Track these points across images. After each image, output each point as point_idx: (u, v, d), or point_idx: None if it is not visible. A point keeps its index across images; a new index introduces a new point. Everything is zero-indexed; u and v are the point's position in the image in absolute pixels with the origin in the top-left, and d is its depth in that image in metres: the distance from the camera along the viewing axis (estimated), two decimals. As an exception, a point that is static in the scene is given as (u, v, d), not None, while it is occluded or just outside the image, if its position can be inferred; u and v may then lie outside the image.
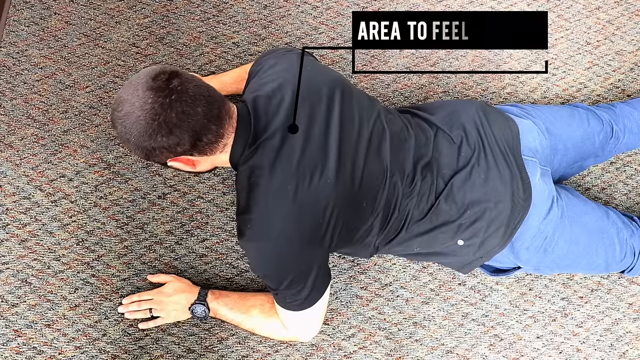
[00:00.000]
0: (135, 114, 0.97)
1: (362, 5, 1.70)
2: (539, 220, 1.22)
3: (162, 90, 0.97)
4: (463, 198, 1.19)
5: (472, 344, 1.38)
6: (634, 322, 1.42)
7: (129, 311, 1.34)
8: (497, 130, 1.25)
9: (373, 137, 1.17)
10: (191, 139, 1.01)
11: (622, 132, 1.43)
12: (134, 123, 0.98)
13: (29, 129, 1.52)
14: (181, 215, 1.46)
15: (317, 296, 1.15)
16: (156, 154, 1.03)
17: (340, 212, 1.10)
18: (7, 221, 1.43)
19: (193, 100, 0.99)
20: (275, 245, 1.08)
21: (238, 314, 1.29)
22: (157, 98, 0.97)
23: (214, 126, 1.03)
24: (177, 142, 1.00)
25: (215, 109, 1.02)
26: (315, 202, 1.08)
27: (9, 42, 1.60)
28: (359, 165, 1.13)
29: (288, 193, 1.06)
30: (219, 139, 1.05)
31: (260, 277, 1.17)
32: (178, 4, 1.67)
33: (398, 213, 1.19)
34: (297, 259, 1.10)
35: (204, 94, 1.01)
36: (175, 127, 0.98)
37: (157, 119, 0.97)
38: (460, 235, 1.20)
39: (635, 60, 1.68)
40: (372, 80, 1.62)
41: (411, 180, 1.19)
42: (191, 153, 1.05)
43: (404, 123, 1.25)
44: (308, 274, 1.12)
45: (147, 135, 0.98)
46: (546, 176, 1.26)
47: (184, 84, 0.99)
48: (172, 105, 0.97)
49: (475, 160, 1.21)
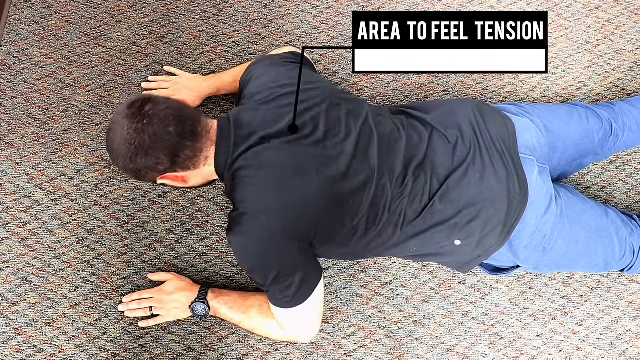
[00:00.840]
0: (116, 141, 1.10)
1: (362, 5, 1.71)
2: (536, 218, 1.22)
3: (136, 116, 1.08)
4: (458, 197, 1.19)
5: (472, 343, 1.38)
6: (634, 320, 1.42)
7: (129, 309, 1.34)
8: (493, 129, 1.25)
9: (360, 139, 1.19)
10: (168, 157, 1.10)
11: (621, 130, 1.43)
12: (117, 149, 1.10)
13: (30, 128, 1.52)
14: (181, 214, 1.46)
15: (307, 292, 1.17)
16: (143, 175, 1.13)
17: (324, 212, 1.13)
18: (7, 220, 1.43)
19: (164, 121, 1.08)
20: (259, 239, 1.12)
21: (237, 313, 1.29)
22: (131, 124, 1.07)
23: (188, 142, 1.11)
24: (156, 162, 1.10)
25: (188, 126, 1.10)
26: (299, 201, 1.12)
27: (10, 41, 1.61)
28: (345, 166, 1.15)
29: (272, 190, 1.11)
30: (197, 153, 1.13)
31: (247, 272, 1.21)
32: (178, 3, 1.68)
33: (389, 214, 1.19)
34: (281, 253, 1.13)
35: (176, 114, 1.10)
36: (149, 149, 1.08)
37: (134, 143, 1.07)
38: (456, 234, 1.20)
39: (634, 59, 1.69)
40: (372, 80, 1.63)
41: (402, 181, 1.19)
42: (174, 169, 1.13)
43: (395, 124, 1.26)
44: (294, 269, 1.14)
45: (128, 158, 1.09)
46: (544, 174, 1.26)
47: (155, 107, 1.09)
48: (144, 129, 1.07)
49: (470, 159, 1.21)
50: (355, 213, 1.17)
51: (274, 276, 1.13)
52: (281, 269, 1.13)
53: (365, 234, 1.21)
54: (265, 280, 1.14)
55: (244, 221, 1.12)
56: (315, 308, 1.21)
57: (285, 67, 1.29)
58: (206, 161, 1.15)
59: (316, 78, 1.31)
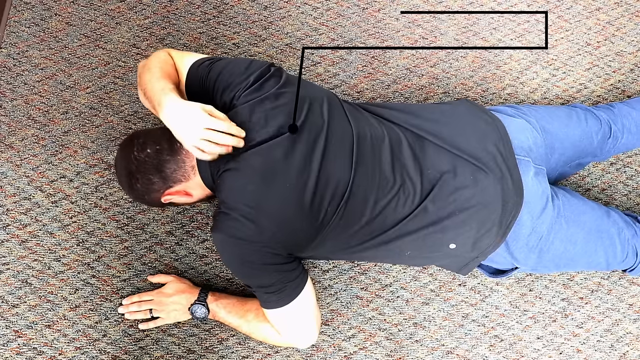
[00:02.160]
0: (119, 175, 1.22)
1: (362, 7, 1.71)
2: (532, 219, 1.21)
3: (124, 149, 1.19)
4: (451, 199, 1.17)
5: (472, 345, 1.38)
6: (634, 322, 1.41)
7: (129, 312, 1.35)
8: (485, 131, 1.24)
9: (344, 140, 1.17)
10: (156, 175, 1.16)
11: (620, 132, 1.43)
12: (122, 184, 1.22)
13: (30, 130, 1.52)
14: (181, 216, 1.46)
15: (294, 292, 1.17)
16: (148, 199, 1.21)
17: (300, 215, 1.12)
18: (7, 222, 1.43)
19: (142, 145, 1.16)
20: (237, 240, 1.12)
21: (236, 317, 1.29)
22: (121, 157, 1.20)
23: (168, 156, 1.16)
24: (149, 182, 1.17)
25: (165, 143, 1.16)
26: (276, 205, 1.11)
27: (10, 43, 1.61)
28: (324, 170, 1.14)
29: (249, 193, 1.11)
30: (181, 164, 1.17)
31: (231, 272, 1.21)
32: (178, 5, 1.68)
33: (376, 215, 1.17)
34: (260, 255, 1.13)
35: (154, 137, 1.17)
36: (137, 172, 1.16)
37: (124, 173, 1.19)
38: (450, 236, 1.19)
39: (635, 61, 1.68)
40: (372, 81, 1.62)
41: (391, 182, 1.17)
42: (169, 186, 1.18)
43: (381, 127, 1.23)
44: (275, 270, 1.14)
45: (129, 188, 1.20)
46: (540, 175, 1.25)
47: (140, 137, 1.18)
48: (130, 158, 1.17)
49: (463, 161, 1.20)
50: (333, 217, 1.16)
51: (257, 278, 1.15)
52: (262, 270, 1.14)
53: (346, 237, 1.19)
54: (248, 281, 1.16)
55: (222, 220, 1.12)
56: (306, 308, 1.21)
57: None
58: (193, 170, 1.18)
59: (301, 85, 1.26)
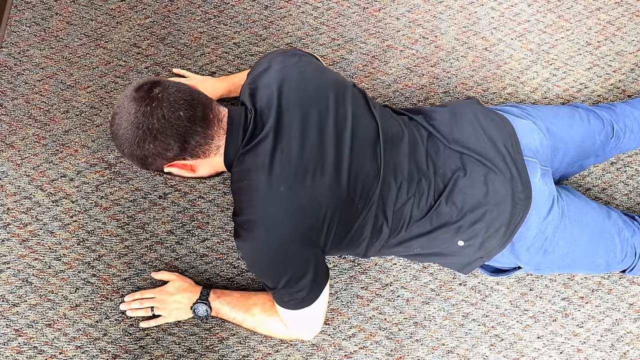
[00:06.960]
0: (123, 126, 1.04)
1: (363, 6, 1.71)
2: (539, 221, 1.22)
3: (144, 99, 1.03)
4: (463, 199, 1.18)
5: (473, 344, 1.38)
6: (635, 322, 1.41)
7: (130, 309, 1.35)
8: (494, 132, 1.24)
9: (368, 137, 1.18)
10: (178, 142, 1.05)
11: (622, 132, 1.43)
12: (124, 134, 1.05)
13: (30, 129, 1.52)
14: (182, 215, 1.46)
15: (315, 295, 1.16)
16: (149, 162, 1.08)
17: (334, 212, 1.11)
18: (8, 221, 1.43)
19: (173, 105, 1.03)
20: (270, 246, 1.09)
21: (240, 312, 1.29)
22: (139, 107, 1.02)
23: (199, 128, 1.06)
24: (165, 148, 1.05)
25: (199, 112, 1.06)
26: (310, 203, 1.08)
27: (11, 43, 1.61)
28: (354, 165, 1.13)
29: (282, 194, 1.06)
30: (208, 141, 1.08)
31: (257, 277, 1.18)
32: (179, 5, 1.68)
33: (394, 213, 1.19)
34: (292, 259, 1.11)
35: (186, 98, 1.05)
36: (158, 133, 1.03)
37: (142, 127, 1.02)
38: (460, 236, 1.20)
39: (635, 61, 1.68)
40: (372, 81, 1.63)
41: (408, 180, 1.18)
42: (183, 157, 1.08)
43: (401, 124, 1.25)
44: (304, 273, 1.12)
45: (135, 144, 1.04)
46: (547, 176, 1.26)
47: (165, 90, 1.04)
48: (152, 113, 1.02)
49: (474, 161, 1.21)
50: (363, 211, 1.16)
51: (284, 281, 1.11)
52: (291, 274, 1.11)
53: (372, 232, 1.20)
54: (275, 284, 1.13)
55: (252, 227, 1.08)
56: (321, 309, 1.22)
57: (291, 58, 1.22)
58: (217, 151, 1.10)
59: (322, 72, 1.24)
